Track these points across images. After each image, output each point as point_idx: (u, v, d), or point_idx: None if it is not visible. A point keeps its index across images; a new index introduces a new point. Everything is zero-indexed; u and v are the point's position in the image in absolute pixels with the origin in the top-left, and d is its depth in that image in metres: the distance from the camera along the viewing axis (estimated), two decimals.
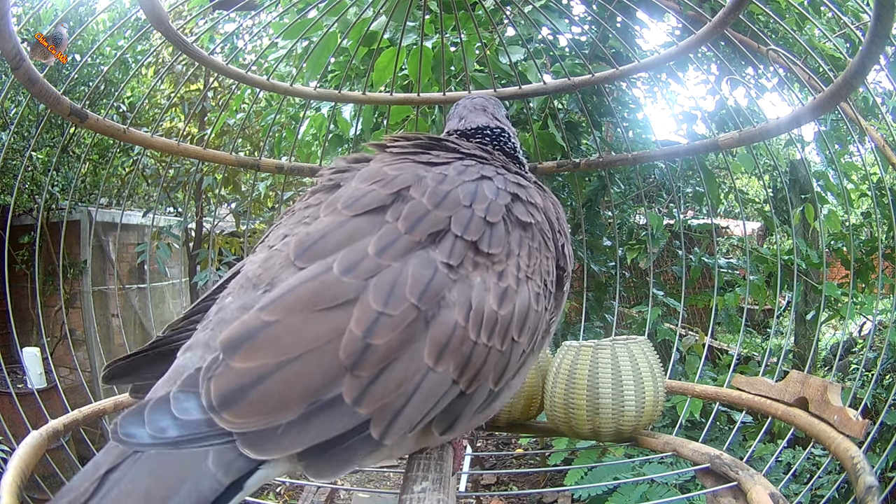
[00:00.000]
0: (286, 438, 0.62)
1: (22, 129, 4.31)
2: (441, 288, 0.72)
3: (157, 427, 0.62)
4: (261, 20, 2.99)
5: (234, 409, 0.62)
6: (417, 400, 0.69)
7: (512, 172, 0.94)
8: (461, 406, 0.75)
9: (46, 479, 1.50)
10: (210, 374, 0.64)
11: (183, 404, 0.64)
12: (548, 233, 0.90)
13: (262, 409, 0.62)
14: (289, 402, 0.63)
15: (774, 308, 2.21)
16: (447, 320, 0.72)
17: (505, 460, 4.84)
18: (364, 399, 0.65)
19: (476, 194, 0.83)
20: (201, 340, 0.74)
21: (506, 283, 0.79)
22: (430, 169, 0.86)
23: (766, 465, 2.61)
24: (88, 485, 0.58)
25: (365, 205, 0.79)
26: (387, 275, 0.71)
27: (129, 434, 0.62)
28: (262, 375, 0.63)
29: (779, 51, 2.05)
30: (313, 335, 0.66)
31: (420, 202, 0.79)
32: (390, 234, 0.75)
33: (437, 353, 0.70)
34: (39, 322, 2.83)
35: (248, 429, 0.62)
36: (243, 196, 5.56)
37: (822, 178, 3.29)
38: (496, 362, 0.76)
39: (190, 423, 0.63)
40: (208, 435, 0.62)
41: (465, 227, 0.78)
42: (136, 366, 0.90)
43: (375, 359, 0.66)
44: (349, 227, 0.77)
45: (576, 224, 2.98)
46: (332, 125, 2.64)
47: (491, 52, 2.56)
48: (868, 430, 1.15)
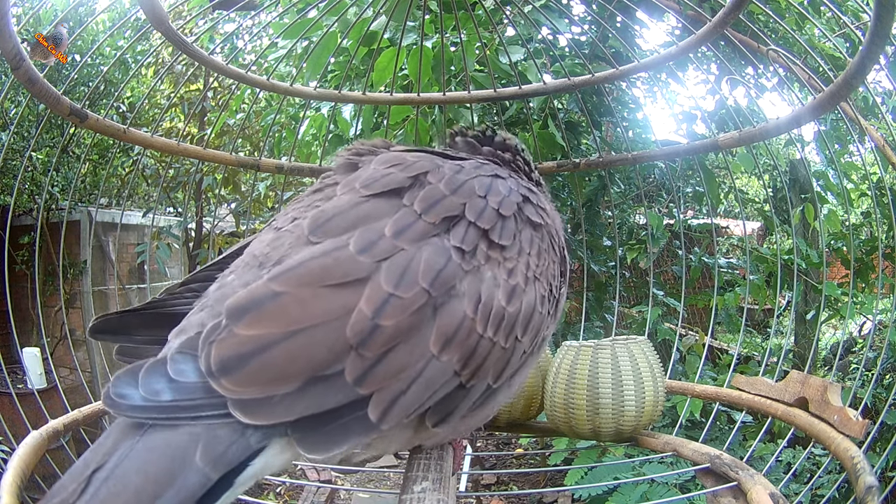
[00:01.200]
0: (280, 407, 0.62)
1: (22, 129, 4.31)
2: (453, 276, 0.73)
3: (150, 389, 0.61)
4: (261, 20, 2.99)
5: (234, 376, 0.61)
6: (418, 386, 0.68)
7: (523, 178, 0.96)
8: (458, 399, 0.75)
9: (46, 479, 1.49)
10: (212, 338, 0.63)
11: (180, 366, 0.63)
12: (554, 238, 0.91)
13: (263, 378, 0.62)
14: (290, 373, 0.63)
15: (774, 308, 2.21)
16: (456, 310, 0.72)
17: (505, 460, 4.84)
18: (366, 379, 0.65)
19: (490, 188, 0.84)
20: (195, 321, 0.72)
21: (515, 281, 0.79)
22: (447, 160, 0.88)
23: (767, 465, 2.61)
24: (76, 485, 0.57)
25: (383, 186, 0.80)
26: (401, 257, 0.71)
27: (120, 395, 0.60)
28: (266, 345, 0.63)
29: (779, 51, 2.05)
30: (322, 310, 0.66)
31: (437, 187, 0.80)
32: (408, 216, 0.75)
33: (443, 341, 0.70)
34: (39, 322, 2.82)
35: (245, 396, 0.61)
36: (243, 196, 5.57)
37: (822, 177, 3.29)
38: (498, 359, 0.76)
39: (185, 386, 0.62)
40: (202, 404, 0.61)
41: (479, 215, 0.79)
42: (128, 324, 0.89)
43: (382, 340, 0.66)
44: (367, 207, 0.77)
45: (576, 224, 2.99)
46: (332, 125, 2.64)
47: (491, 51, 2.56)
48: (868, 430, 1.15)
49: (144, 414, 0.60)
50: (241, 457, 0.61)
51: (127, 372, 0.62)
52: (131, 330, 0.89)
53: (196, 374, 0.63)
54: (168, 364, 0.63)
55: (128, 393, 0.60)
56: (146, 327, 0.88)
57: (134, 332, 0.89)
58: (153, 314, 0.89)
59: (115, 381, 0.61)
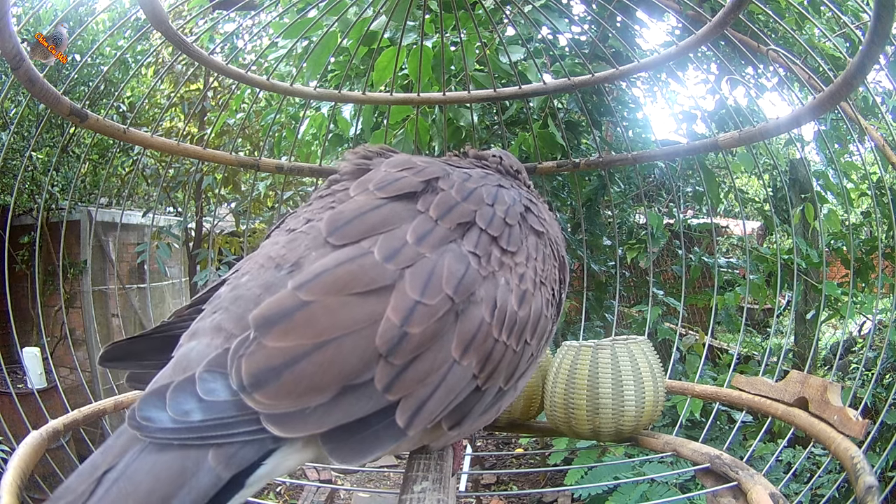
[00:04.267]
0: (312, 418, 0.61)
1: (22, 129, 4.31)
2: (473, 283, 0.74)
3: (179, 410, 0.59)
4: (261, 20, 2.99)
5: (267, 390, 0.60)
6: (442, 391, 0.69)
7: (524, 189, 0.98)
8: (474, 401, 0.76)
9: (46, 479, 1.50)
10: (241, 353, 0.62)
11: (209, 385, 0.61)
12: (554, 245, 0.94)
13: (296, 390, 0.61)
14: (323, 384, 0.62)
15: (774, 307, 2.21)
16: (475, 315, 0.73)
17: (505, 460, 4.84)
18: (394, 386, 0.65)
19: (497, 196, 0.86)
20: (208, 325, 0.71)
21: (525, 286, 0.81)
22: (455, 168, 0.90)
23: (767, 465, 2.62)
24: (86, 486, 0.56)
25: (397, 189, 0.80)
26: (424, 264, 0.72)
27: (147, 418, 0.58)
28: (298, 356, 0.62)
29: (779, 50, 2.05)
30: (351, 319, 0.66)
31: (449, 193, 0.81)
32: (426, 223, 0.76)
33: (464, 346, 0.71)
34: (39, 322, 2.83)
35: (279, 410, 0.60)
36: (243, 196, 5.57)
37: (821, 177, 3.29)
38: (510, 361, 0.78)
39: (216, 405, 0.60)
40: (234, 421, 0.60)
41: (489, 223, 0.81)
42: (137, 350, 0.88)
43: (410, 347, 0.67)
44: (385, 211, 0.77)
45: (576, 223, 2.99)
46: (332, 125, 2.64)
47: (491, 51, 2.56)
48: (868, 430, 1.15)
49: (175, 436, 0.58)
50: (254, 457, 0.61)
51: (152, 393, 0.61)
52: (141, 356, 0.88)
53: (227, 391, 0.61)
54: (196, 383, 0.61)
55: (155, 416, 0.59)
56: (156, 352, 0.86)
57: (143, 358, 0.88)
58: (162, 338, 0.87)
59: (140, 404, 0.59)
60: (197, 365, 0.64)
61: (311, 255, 0.74)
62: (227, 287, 0.78)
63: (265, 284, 0.72)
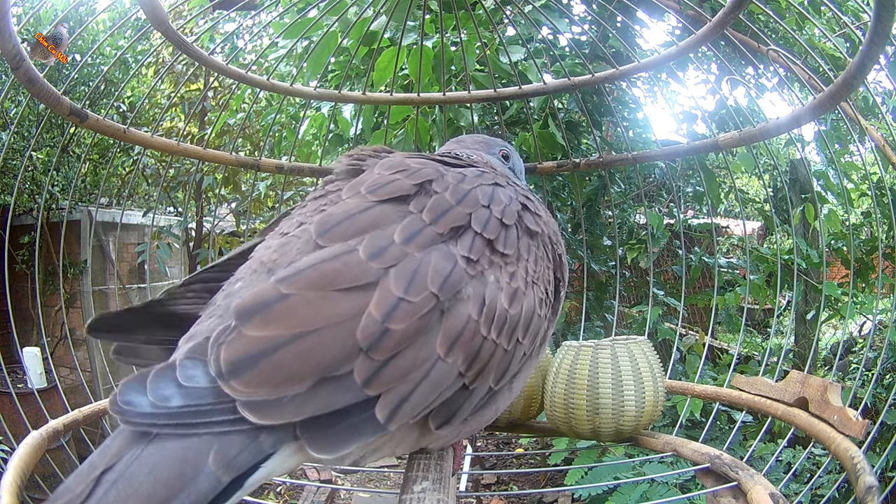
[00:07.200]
0: (289, 407, 0.62)
1: (22, 129, 4.31)
2: (459, 281, 0.74)
3: (159, 395, 0.60)
4: (261, 20, 2.99)
5: (244, 378, 0.61)
6: (425, 387, 0.69)
7: (520, 187, 0.98)
8: (461, 400, 0.76)
9: (46, 479, 1.50)
10: (220, 340, 0.63)
11: (189, 371, 0.63)
12: (548, 245, 0.93)
13: (273, 379, 0.62)
14: (299, 374, 0.63)
15: (774, 307, 2.21)
16: (462, 313, 0.73)
17: (505, 460, 4.84)
18: (374, 381, 0.66)
19: (493, 197, 0.85)
20: (204, 328, 0.72)
21: (516, 285, 0.81)
22: (450, 168, 0.89)
23: (767, 465, 2.62)
24: (84, 486, 0.56)
25: (389, 192, 0.81)
26: (409, 263, 0.72)
27: (128, 402, 0.59)
28: (276, 346, 0.63)
29: (779, 51, 2.05)
30: (331, 312, 0.66)
31: (443, 196, 0.81)
32: (415, 223, 0.77)
33: (449, 343, 0.71)
34: (39, 322, 2.83)
35: (256, 398, 0.61)
36: (243, 196, 5.57)
37: (822, 177, 3.29)
38: (500, 360, 0.78)
39: (195, 391, 0.61)
40: (212, 409, 0.61)
41: (484, 226, 0.81)
42: (127, 324, 0.89)
43: (391, 343, 0.67)
44: (374, 212, 0.78)
45: (576, 223, 2.99)
46: (332, 125, 2.64)
47: (491, 51, 2.56)
48: (868, 430, 1.15)
49: (153, 421, 0.59)
50: (252, 461, 0.61)
51: (134, 378, 0.62)
52: (130, 329, 0.89)
53: (206, 378, 0.62)
54: (177, 369, 0.63)
55: (136, 400, 0.60)
56: (145, 327, 0.88)
57: (133, 332, 0.89)
58: (152, 314, 0.89)
59: (122, 388, 0.60)
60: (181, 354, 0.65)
61: (301, 258, 0.74)
62: (222, 293, 0.80)
63: None
